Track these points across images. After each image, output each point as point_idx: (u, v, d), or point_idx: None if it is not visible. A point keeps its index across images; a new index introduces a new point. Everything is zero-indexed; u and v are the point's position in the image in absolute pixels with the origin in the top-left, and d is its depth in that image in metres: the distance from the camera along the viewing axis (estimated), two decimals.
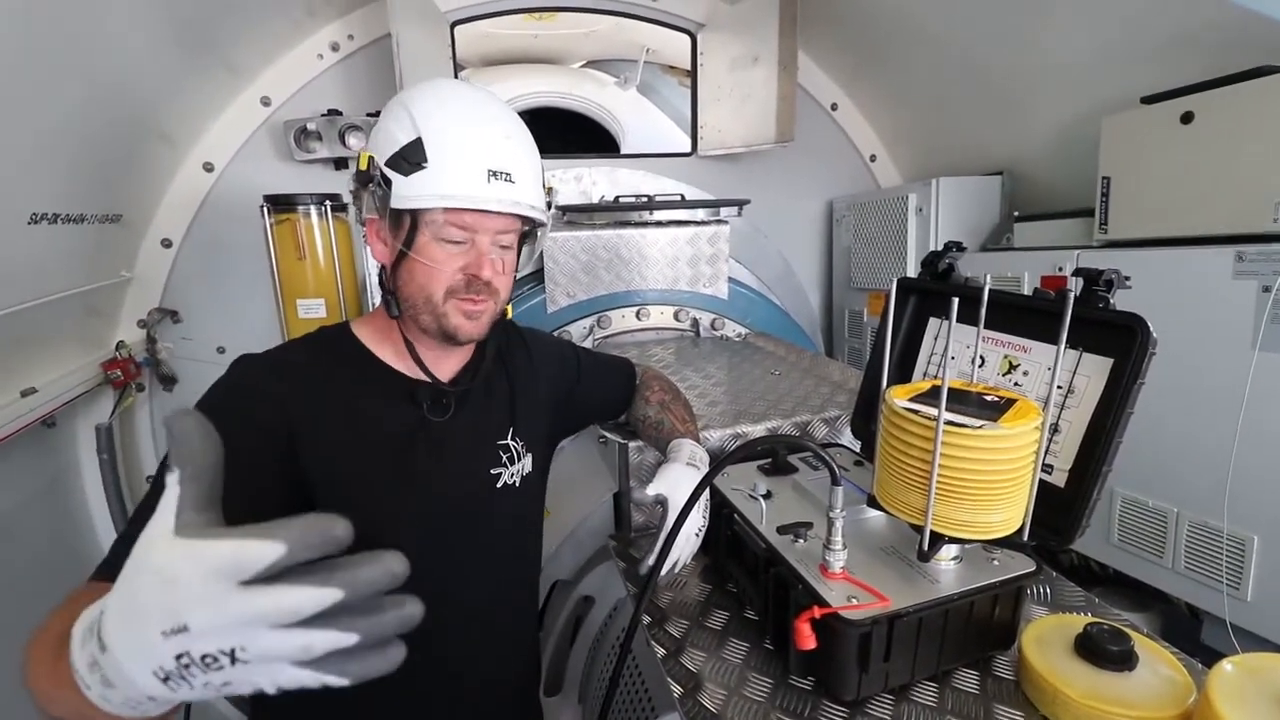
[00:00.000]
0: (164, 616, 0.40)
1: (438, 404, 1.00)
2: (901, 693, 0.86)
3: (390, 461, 0.94)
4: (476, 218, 0.91)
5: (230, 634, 0.40)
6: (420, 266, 0.91)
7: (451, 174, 0.88)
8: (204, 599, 0.39)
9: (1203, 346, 1.59)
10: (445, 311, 0.94)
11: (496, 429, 1.08)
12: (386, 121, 0.92)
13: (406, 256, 0.91)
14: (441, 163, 0.88)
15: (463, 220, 0.91)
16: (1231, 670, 0.71)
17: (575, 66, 3.02)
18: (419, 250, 0.91)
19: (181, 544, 0.41)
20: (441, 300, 0.93)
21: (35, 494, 2.10)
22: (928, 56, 2.56)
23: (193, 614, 0.39)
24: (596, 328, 2.32)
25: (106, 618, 0.44)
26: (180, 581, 0.40)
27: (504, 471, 1.06)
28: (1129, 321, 0.84)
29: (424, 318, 0.95)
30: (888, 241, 2.75)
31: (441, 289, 0.93)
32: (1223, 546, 1.58)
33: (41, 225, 1.73)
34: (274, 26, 2.38)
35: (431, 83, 0.96)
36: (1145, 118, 1.78)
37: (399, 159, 0.88)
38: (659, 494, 1.05)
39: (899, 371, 1.22)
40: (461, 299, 0.94)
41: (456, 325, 0.95)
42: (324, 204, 2.21)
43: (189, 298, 2.54)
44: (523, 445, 1.11)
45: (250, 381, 0.90)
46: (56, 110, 1.66)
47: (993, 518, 0.79)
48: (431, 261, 0.91)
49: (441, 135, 0.88)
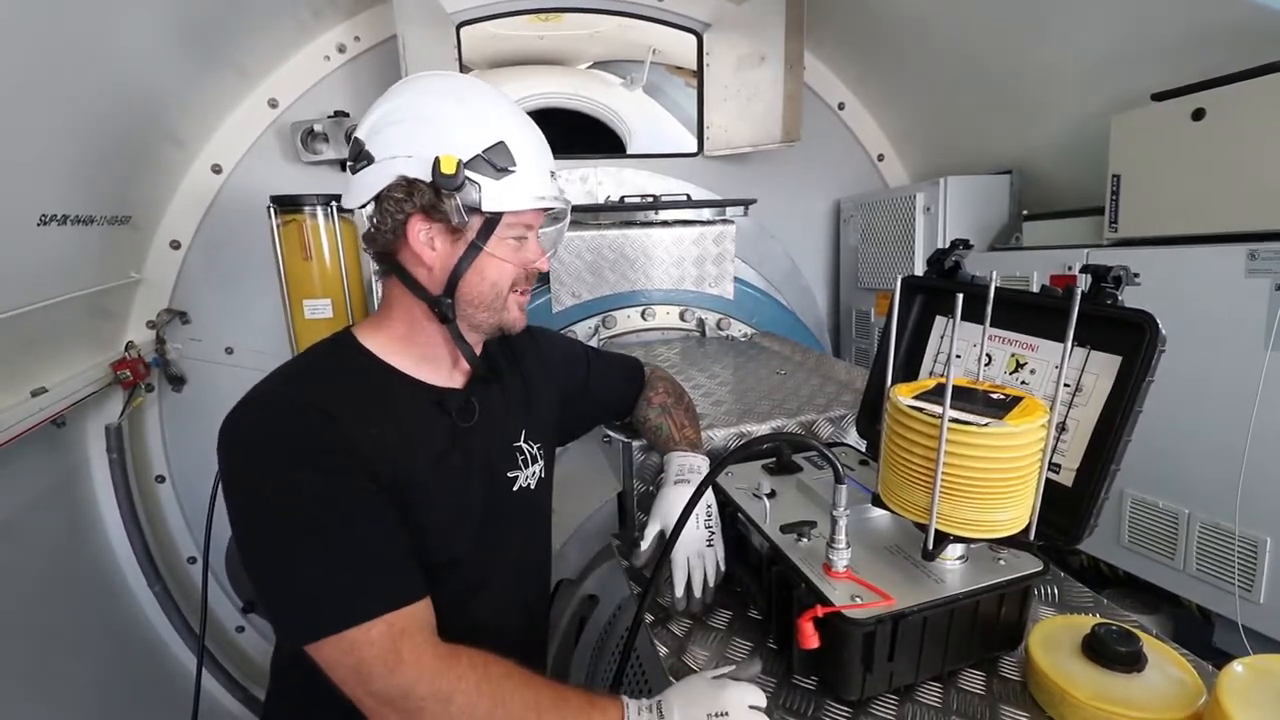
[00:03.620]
0: (712, 707, 0.78)
1: (464, 410, 0.99)
2: (906, 693, 0.86)
3: (433, 473, 0.93)
4: (536, 214, 0.97)
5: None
6: (494, 264, 0.94)
7: (536, 176, 0.93)
8: (739, 707, 0.78)
9: (1214, 345, 1.57)
10: (508, 306, 0.98)
11: (512, 431, 1.08)
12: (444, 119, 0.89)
13: (474, 257, 0.92)
14: (526, 165, 0.91)
15: (531, 218, 0.96)
16: (1242, 672, 0.70)
17: (581, 67, 3.03)
18: (494, 249, 0.93)
19: (729, 685, 0.81)
20: (506, 295, 0.97)
21: (45, 493, 2.12)
22: (935, 55, 2.55)
23: (730, 706, 0.78)
24: (602, 328, 2.31)
25: (668, 704, 0.79)
26: (728, 696, 0.79)
27: (520, 474, 1.07)
28: (1138, 318, 0.82)
29: (483, 315, 0.97)
30: (895, 241, 2.73)
31: (509, 284, 0.97)
32: (1235, 548, 1.55)
33: (51, 226, 1.75)
34: (281, 29, 2.40)
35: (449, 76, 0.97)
36: (1156, 115, 1.76)
37: (483, 162, 0.88)
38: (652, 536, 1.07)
39: (905, 370, 1.21)
40: (520, 292, 1.00)
41: (514, 318, 1.00)
42: (330, 205, 2.22)
43: (198, 299, 2.56)
44: (537, 448, 1.11)
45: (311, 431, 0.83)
46: (66, 112, 1.67)
47: (999, 517, 0.79)
48: (505, 258, 0.94)
49: (519, 138, 0.92)
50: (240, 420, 0.84)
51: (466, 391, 1.02)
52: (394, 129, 0.90)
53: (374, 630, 0.74)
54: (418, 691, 0.73)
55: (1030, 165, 2.55)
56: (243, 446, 0.83)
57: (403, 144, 0.88)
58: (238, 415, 0.84)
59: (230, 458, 0.82)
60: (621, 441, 1.39)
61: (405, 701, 0.73)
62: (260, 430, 0.83)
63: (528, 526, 1.11)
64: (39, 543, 2.04)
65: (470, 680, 0.75)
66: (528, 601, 1.14)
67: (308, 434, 0.82)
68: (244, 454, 0.82)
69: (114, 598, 2.39)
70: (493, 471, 1.03)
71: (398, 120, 0.90)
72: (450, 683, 0.74)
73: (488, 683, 0.75)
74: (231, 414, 0.84)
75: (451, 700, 0.73)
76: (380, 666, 0.73)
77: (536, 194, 0.93)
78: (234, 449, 0.83)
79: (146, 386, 2.47)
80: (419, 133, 0.88)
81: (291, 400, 0.85)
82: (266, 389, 0.88)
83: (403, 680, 0.73)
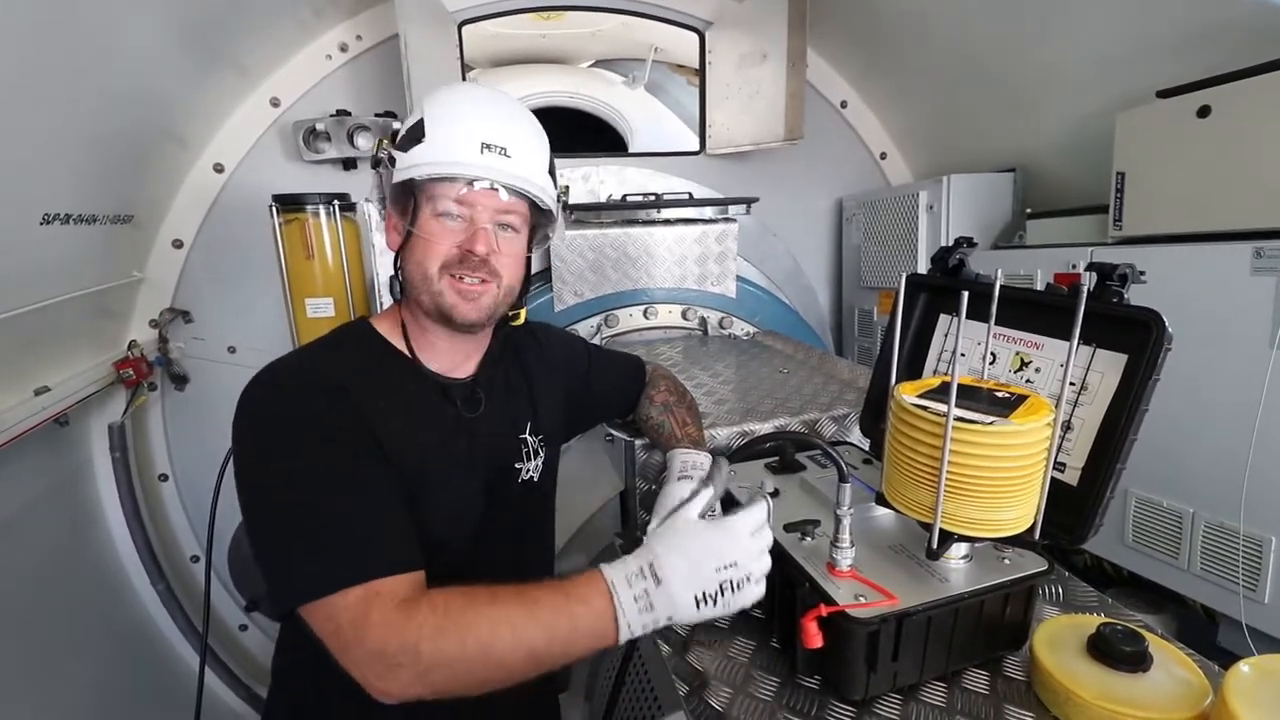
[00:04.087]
0: (719, 558, 0.73)
1: (469, 400, 1.01)
2: (910, 692, 0.85)
3: (437, 459, 0.95)
4: (476, 195, 0.92)
5: (753, 563, 0.75)
6: (420, 242, 0.93)
7: (444, 144, 0.91)
8: (746, 546, 0.75)
9: (1220, 344, 1.56)
10: (440, 290, 0.93)
11: (516, 424, 1.09)
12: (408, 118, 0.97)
13: (411, 237, 0.94)
14: (435, 135, 0.91)
15: (461, 195, 0.92)
16: (1248, 672, 0.70)
17: (583, 66, 3.02)
18: (420, 227, 0.93)
19: (719, 521, 0.77)
20: (437, 277, 0.93)
21: (48, 491, 2.13)
22: (939, 52, 2.54)
23: (740, 554, 0.74)
24: (604, 326, 2.31)
25: (661, 564, 0.73)
26: (732, 536, 0.75)
27: (524, 466, 1.08)
28: (1144, 316, 0.82)
29: (423, 298, 0.95)
30: (898, 240, 2.73)
31: (437, 264, 0.93)
32: (1239, 548, 1.55)
33: (54, 226, 1.75)
34: (283, 28, 2.40)
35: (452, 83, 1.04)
36: (1161, 112, 1.75)
37: (403, 140, 0.93)
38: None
39: (909, 370, 1.20)
40: (455, 276, 0.93)
41: (452, 304, 0.94)
42: (332, 203, 2.22)
43: (200, 298, 2.57)
44: (540, 441, 1.12)
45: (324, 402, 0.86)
46: (69, 112, 1.67)
47: (1003, 516, 0.78)
48: (430, 236, 0.92)
49: (442, 111, 0.93)
50: (256, 387, 0.87)
51: (472, 382, 1.03)
52: None
53: (350, 596, 0.74)
54: (389, 650, 0.71)
55: (1034, 163, 2.54)
56: (256, 407, 0.86)
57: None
58: (255, 383, 0.88)
59: (242, 422, 0.85)
60: (624, 440, 1.39)
61: (380, 663, 0.71)
62: (274, 397, 0.87)
63: (530, 517, 1.12)
64: (42, 541, 2.05)
65: (430, 624, 0.71)
66: None
67: (320, 398, 0.86)
68: (257, 414, 0.86)
69: (117, 596, 2.40)
70: (496, 461, 1.04)
71: None
72: (413, 632, 0.71)
73: (449, 619, 0.72)
74: (251, 382, 0.88)
75: (419, 650, 0.70)
76: (353, 632, 0.72)
77: (436, 159, 0.90)
78: (247, 410, 0.86)
79: (149, 385, 2.48)
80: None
81: (307, 371, 0.90)
82: (286, 360, 0.92)
83: (373, 643, 0.71)
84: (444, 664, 0.70)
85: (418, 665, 0.70)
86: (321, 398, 0.86)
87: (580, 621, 0.72)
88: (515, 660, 0.72)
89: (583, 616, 0.72)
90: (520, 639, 0.71)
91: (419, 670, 0.70)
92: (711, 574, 0.74)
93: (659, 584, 0.73)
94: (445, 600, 0.74)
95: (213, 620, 2.52)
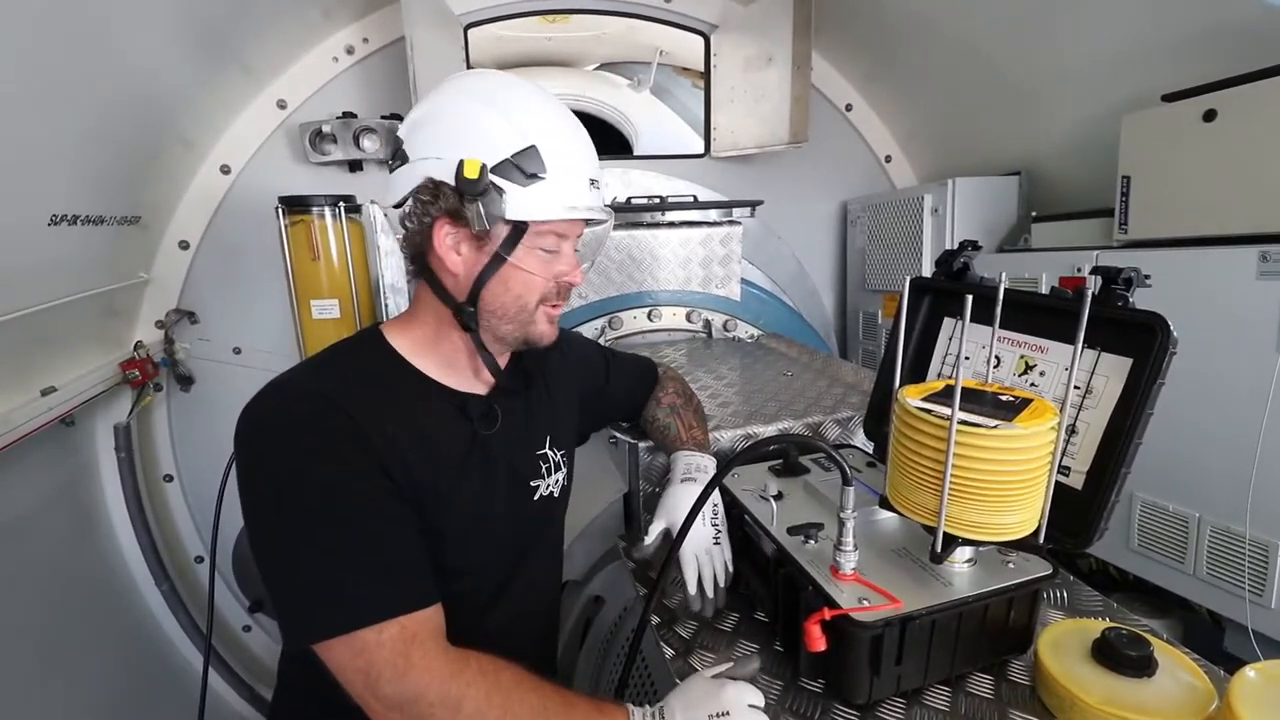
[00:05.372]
0: (714, 707, 0.78)
1: (487, 417, 0.96)
2: (914, 697, 0.85)
3: (453, 479, 0.91)
4: (571, 225, 0.91)
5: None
6: (519, 275, 0.89)
7: (570, 185, 0.88)
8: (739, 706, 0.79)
9: (1225, 348, 1.55)
10: (535, 319, 0.93)
11: (536, 438, 1.06)
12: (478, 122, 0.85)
13: (499, 267, 0.88)
14: (559, 173, 0.86)
15: (564, 229, 0.91)
16: (1254, 677, 0.69)
17: (589, 69, 3.03)
18: (519, 260, 0.88)
19: (728, 684, 0.81)
20: (534, 308, 0.92)
21: (54, 491, 2.13)
22: (943, 56, 2.54)
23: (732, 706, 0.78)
24: (608, 329, 2.31)
25: (671, 709, 0.79)
26: (729, 697, 0.79)
27: (542, 483, 1.05)
28: (1149, 320, 0.82)
29: (507, 327, 0.92)
30: (903, 243, 2.73)
31: (536, 297, 0.92)
32: (1245, 552, 1.54)
33: (62, 226, 1.76)
34: (290, 30, 2.41)
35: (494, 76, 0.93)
36: (1166, 116, 1.74)
37: (511, 167, 0.84)
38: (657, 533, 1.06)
39: (913, 373, 1.20)
40: (550, 306, 0.94)
41: (542, 332, 0.95)
42: (338, 205, 2.22)
43: (206, 299, 2.58)
44: (561, 455, 1.10)
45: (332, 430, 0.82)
46: (76, 113, 1.68)
47: (1007, 519, 0.78)
48: (533, 270, 0.90)
49: (556, 144, 0.87)
50: (259, 408, 0.83)
51: (490, 398, 0.98)
52: (427, 129, 0.88)
53: (386, 632, 0.74)
54: (427, 697, 0.72)
55: (1039, 166, 2.53)
56: (260, 434, 0.82)
57: (433, 145, 0.86)
58: (257, 403, 0.84)
59: (246, 445, 0.82)
60: (628, 443, 1.39)
61: (414, 707, 0.72)
62: (278, 419, 0.82)
63: (546, 531, 1.10)
64: (47, 541, 2.05)
65: (480, 687, 0.74)
66: (544, 609, 1.13)
67: (326, 426, 0.81)
68: (260, 442, 0.82)
69: (121, 596, 2.40)
70: (516, 480, 1.01)
71: (432, 120, 0.88)
72: (460, 689, 0.73)
73: (498, 690, 0.75)
74: (251, 402, 0.84)
75: (461, 708, 0.72)
76: (390, 670, 0.72)
77: (568, 204, 0.87)
78: (251, 436, 0.82)
79: (155, 386, 2.49)
80: (449, 134, 0.86)
81: (310, 392, 0.84)
82: (288, 378, 0.87)
83: (412, 686, 0.72)
84: None
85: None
86: (325, 419, 0.81)
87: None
88: None
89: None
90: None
91: None
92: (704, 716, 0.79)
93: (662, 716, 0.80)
94: (495, 669, 0.77)
95: (217, 621, 2.54)
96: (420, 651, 0.74)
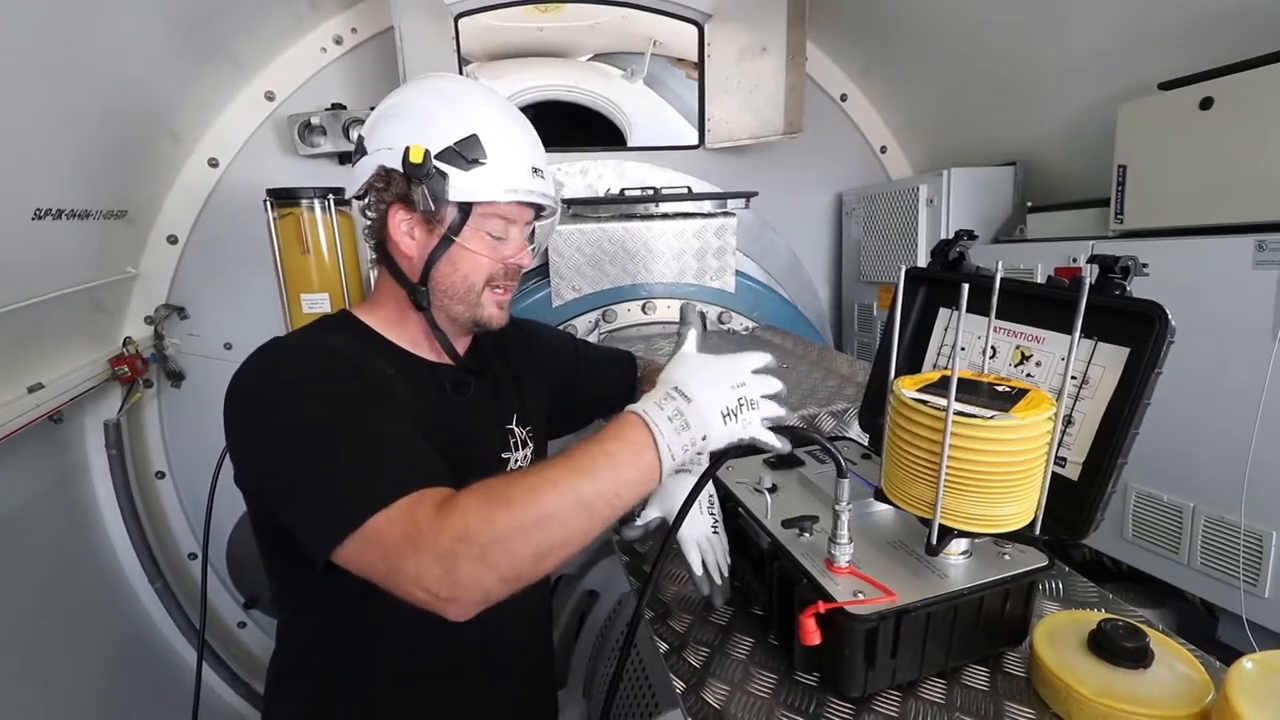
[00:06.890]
0: (730, 379, 0.79)
1: (459, 384, 1.02)
2: (909, 690, 0.85)
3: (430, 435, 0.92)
4: (517, 209, 0.98)
5: (758, 387, 0.81)
6: (466, 256, 0.96)
7: (510, 169, 0.94)
8: (745, 368, 0.80)
9: (1221, 337, 1.55)
10: (481, 301, 0.99)
11: (504, 414, 1.09)
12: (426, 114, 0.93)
13: (447, 248, 0.95)
14: (500, 159, 0.93)
15: (508, 212, 0.97)
16: (1251, 668, 0.69)
17: (581, 59, 3.01)
18: (466, 240, 0.95)
19: (726, 357, 0.82)
20: (480, 290, 0.98)
21: (43, 489, 2.12)
22: (939, 45, 2.53)
23: (746, 376, 0.80)
24: (602, 322, 2.30)
25: (686, 385, 0.77)
26: (739, 365, 0.81)
27: (512, 456, 1.08)
28: (1146, 309, 0.81)
29: (457, 307, 0.98)
30: (898, 234, 2.72)
31: (483, 278, 0.98)
32: (1240, 542, 1.54)
33: (46, 221, 1.74)
34: (277, 21, 2.38)
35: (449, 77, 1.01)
36: (1163, 104, 1.74)
37: (454, 154, 0.91)
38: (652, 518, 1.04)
39: (908, 364, 1.19)
40: (496, 289, 1.00)
41: (490, 315, 1.00)
42: (327, 198, 2.20)
43: (195, 294, 2.56)
44: (527, 432, 1.12)
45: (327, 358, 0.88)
46: (61, 106, 1.66)
47: (1003, 511, 0.77)
48: (479, 251, 0.96)
49: (496, 132, 0.94)
50: (249, 362, 0.87)
51: (466, 365, 1.05)
52: (384, 124, 0.95)
53: (393, 511, 0.72)
54: (443, 543, 0.69)
55: (1034, 156, 2.52)
56: (251, 376, 0.86)
57: (387, 137, 0.93)
58: (246, 361, 0.88)
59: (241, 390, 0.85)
60: None
61: (440, 563, 0.69)
62: (270, 361, 0.87)
63: None
64: (38, 539, 2.04)
65: (474, 503, 0.71)
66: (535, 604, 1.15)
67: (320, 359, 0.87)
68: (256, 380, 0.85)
69: (114, 594, 2.39)
70: (486, 448, 1.05)
71: (389, 116, 0.96)
72: (459, 518, 0.70)
73: (491, 493, 0.72)
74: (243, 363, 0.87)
75: (469, 529, 0.69)
76: (406, 542, 0.70)
77: (508, 186, 0.94)
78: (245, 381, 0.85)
79: (145, 382, 2.46)
80: (400, 126, 0.94)
81: (302, 343, 0.92)
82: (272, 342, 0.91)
83: (427, 542, 0.70)
84: (499, 536, 0.69)
85: (474, 547, 0.68)
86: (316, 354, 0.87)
87: (621, 458, 0.74)
88: (565, 511, 0.72)
89: (622, 452, 0.74)
90: (564, 489, 0.72)
91: (477, 552, 0.68)
92: (729, 390, 0.79)
93: (689, 401, 0.77)
94: (484, 484, 0.74)
95: (211, 618, 2.53)
96: (421, 511, 0.72)
